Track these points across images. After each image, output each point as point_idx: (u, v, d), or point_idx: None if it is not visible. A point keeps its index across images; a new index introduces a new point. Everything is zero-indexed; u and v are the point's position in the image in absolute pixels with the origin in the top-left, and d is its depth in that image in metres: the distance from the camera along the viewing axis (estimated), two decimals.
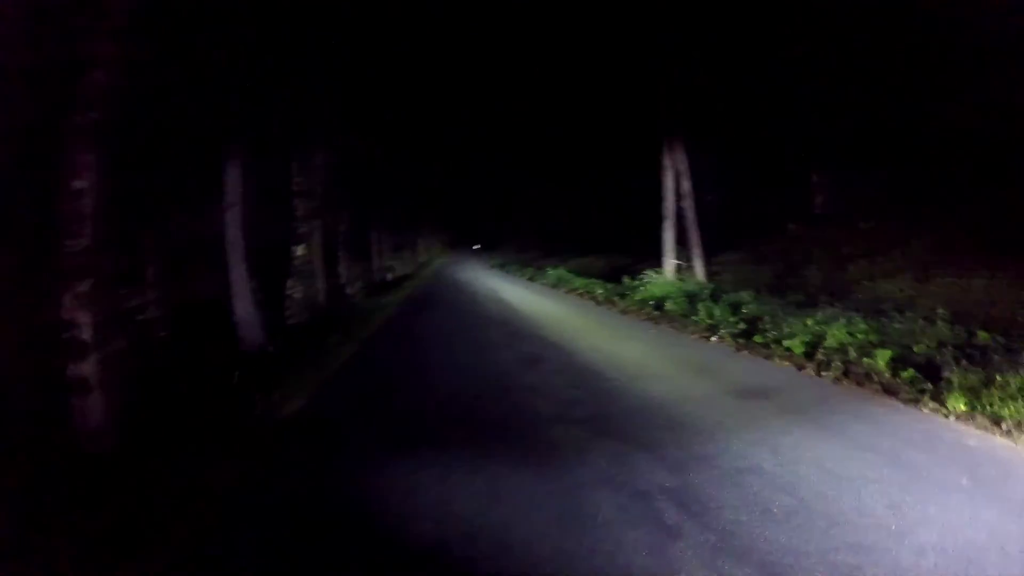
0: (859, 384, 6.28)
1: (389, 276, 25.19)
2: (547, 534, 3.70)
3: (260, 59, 8.55)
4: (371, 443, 5.46)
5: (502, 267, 33.41)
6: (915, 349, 6.45)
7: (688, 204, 13.32)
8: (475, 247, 61.00)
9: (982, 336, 6.69)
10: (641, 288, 13.38)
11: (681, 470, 4.49)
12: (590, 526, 3.78)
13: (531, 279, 23.89)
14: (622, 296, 13.59)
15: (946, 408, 5.60)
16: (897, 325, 7.00)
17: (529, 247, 36.41)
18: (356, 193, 16.78)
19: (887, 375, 6.23)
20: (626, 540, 3.61)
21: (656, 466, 4.58)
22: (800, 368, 6.92)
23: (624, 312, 12.52)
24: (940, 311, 7.02)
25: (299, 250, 11.66)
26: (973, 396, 5.62)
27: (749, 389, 6.26)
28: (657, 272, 13.98)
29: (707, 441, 4.99)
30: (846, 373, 6.49)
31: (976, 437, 5.20)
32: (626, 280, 14.53)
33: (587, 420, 5.62)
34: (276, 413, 6.17)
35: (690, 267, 13.37)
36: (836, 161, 12.43)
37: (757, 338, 7.96)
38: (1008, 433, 5.30)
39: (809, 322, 7.30)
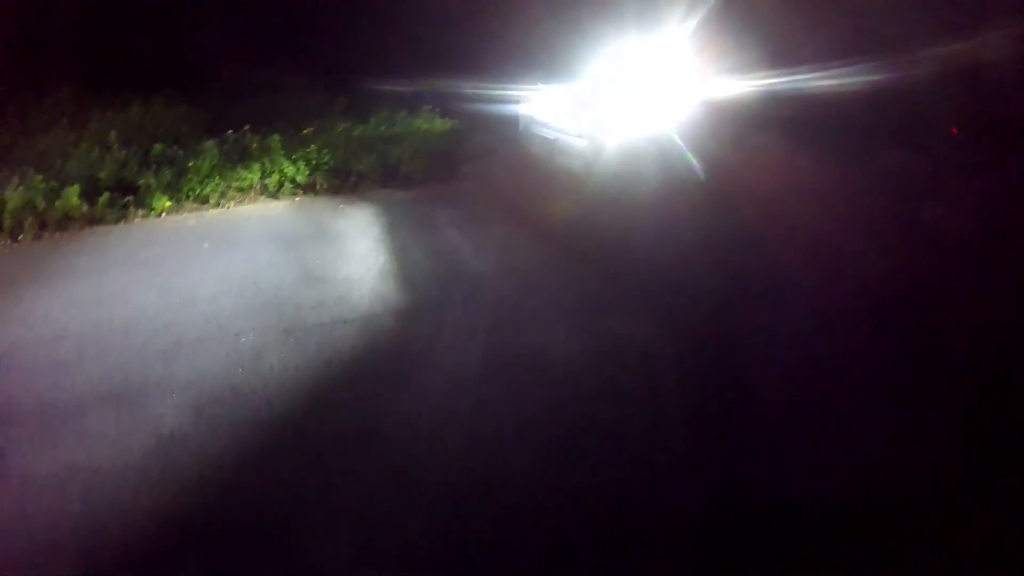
0: (62, 230, 5.57)
1: None
2: None
3: None
4: None
5: None
6: (102, 176, 6.07)
7: None
8: None
9: (158, 148, 6.86)
10: None
11: None
12: None
13: None
14: None
15: (154, 209, 5.64)
16: (76, 164, 6.41)
17: None
18: None
19: (85, 208, 5.72)
20: None
21: None
22: None
23: None
24: (113, 134, 6.80)
25: None
26: (173, 191, 5.82)
27: None
28: None
29: None
30: (43, 227, 5.62)
31: (195, 218, 5.56)
32: None
33: None
34: None
35: None
36: None
37: None
38: (218, 205, 5.84)
39: None
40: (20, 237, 5.47)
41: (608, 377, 3.07)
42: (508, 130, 6.33)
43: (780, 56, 4.76)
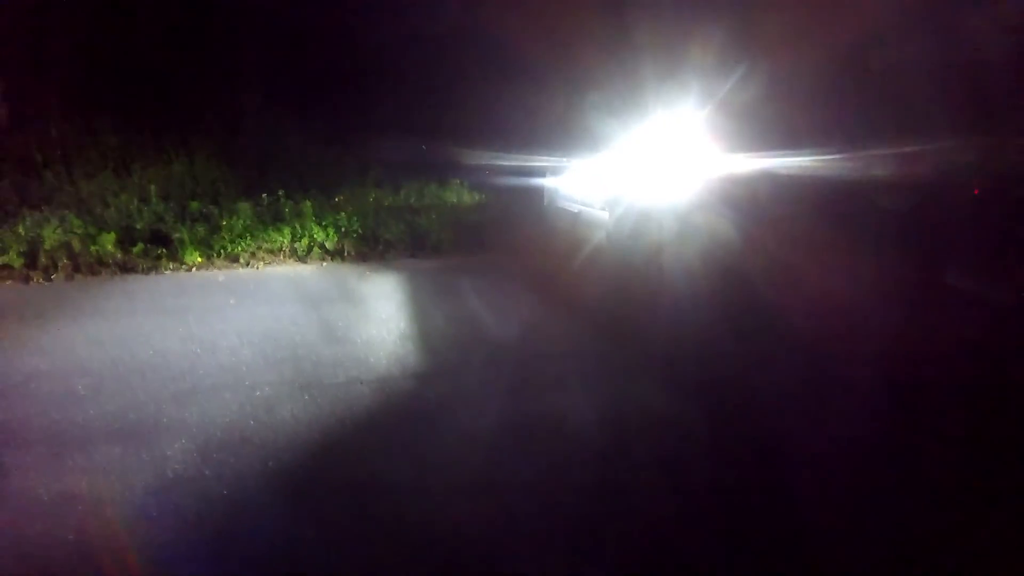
0: (94, 274, 5.73)
1: None
2: None
3: None
4: None
5: None
6: (138, 227, 6.29)
7: None
8: None
9: (194, 205, 7.12)
10: None
11: None
12: None
13: None
14: None
15: (186, 263, 5.80)
16: (115, 212, 6.66)
17: None
18: None
19: (119, 256, 5.90)
20: None
21: None
22: (27, 281, 5.74)
23: None
24: (153, 188, 7.10)
25: None
26: (205, 247, 6.00)
27: None
28: None
29: None
30: (77, 268, 5.79)
31: (224, 274, 5.70)
32: None
33: None
34: None
35: None
36: None
37: None
38: (248, 264, 5.99)
39: (20, 231, 6.12)
40: (53, 276, 5.63)
41: (618, 445, 3.04)
42: (533, 203, 6.57)
43: (791, 138, 5.01)
